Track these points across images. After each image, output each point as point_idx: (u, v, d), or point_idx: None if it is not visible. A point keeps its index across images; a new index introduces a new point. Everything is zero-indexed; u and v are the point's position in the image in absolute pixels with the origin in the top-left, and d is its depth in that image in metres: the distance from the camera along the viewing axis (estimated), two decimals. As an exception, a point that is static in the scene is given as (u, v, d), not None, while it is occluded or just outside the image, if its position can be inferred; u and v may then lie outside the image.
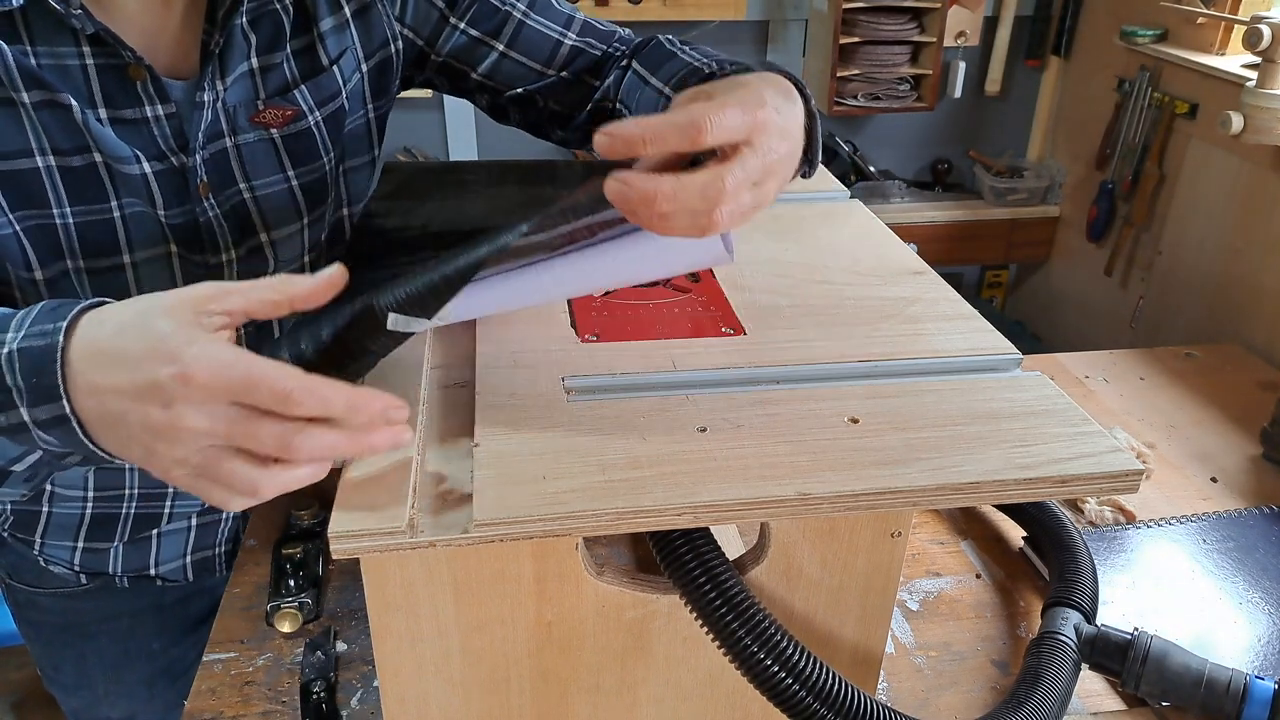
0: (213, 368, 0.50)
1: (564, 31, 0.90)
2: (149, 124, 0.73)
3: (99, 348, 0.53)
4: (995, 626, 0.94)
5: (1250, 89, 1.64)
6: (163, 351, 0.50)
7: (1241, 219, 1.84)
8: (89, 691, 1.05)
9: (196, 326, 0.52)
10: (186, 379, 0.49)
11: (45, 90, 0.68)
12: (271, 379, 0.50)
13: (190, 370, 0.49)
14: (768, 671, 0.57)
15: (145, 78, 0.71)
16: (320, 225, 0.87)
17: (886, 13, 2.30)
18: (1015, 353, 0.74)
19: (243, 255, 0.81)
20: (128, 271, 0.76)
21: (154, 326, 0.51)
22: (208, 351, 0.50)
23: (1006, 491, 0.60)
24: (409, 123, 2.42)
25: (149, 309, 0.53)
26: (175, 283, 0.79)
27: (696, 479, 0.58)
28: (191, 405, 0.50)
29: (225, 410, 0.50)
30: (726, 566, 0.58)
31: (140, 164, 0.72)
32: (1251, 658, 0.90)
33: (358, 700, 0.84)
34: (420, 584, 0.60)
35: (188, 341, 0.50)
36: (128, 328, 0.52)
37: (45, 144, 0.69)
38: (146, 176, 0.73)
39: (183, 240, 0.78)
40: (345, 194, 0.89)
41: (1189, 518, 1.11)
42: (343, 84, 0.82)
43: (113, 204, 0.73)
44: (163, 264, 0.78)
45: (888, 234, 0.96)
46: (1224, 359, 1.53)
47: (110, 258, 0.75)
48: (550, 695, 0.66)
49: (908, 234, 2.44)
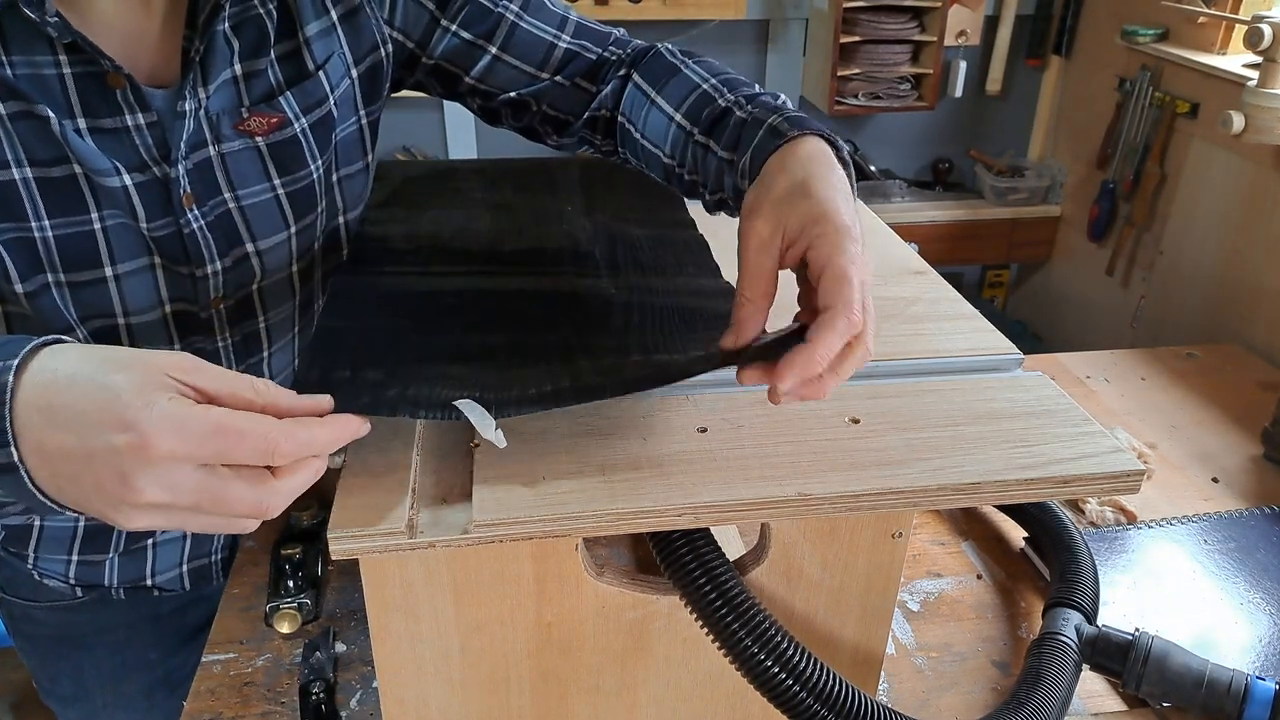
0: (174, 435, 0.45)
1: (558, 34, 0.87)
2: (129, 133, 0.71)
3: (48, 400, 0.48)
4: (996, 627, 0.94)
5: (1251, 89, 1.64)
6: (116, 414, 0.46)
7: (1243, 219, 1.83)
8: (87, 703, 1.04)
9: (157, 387, 0.47)
10: (143, 448, 0.45)
11: (21, 101, 0.66)
12: (249, 431, 0.46)
13: (148, 439, 0.45)
14: (768, 672, 0.57)
15: (125, 86, 0.69)
16: (309, 234, 0.85)
17: (887, 12, 2.30)
18: (1016, 353, 0.74)
19: (228, 266, 0.80)
20: (110, 284, 0.75)
21: (109, 383, 0.47)
22: (168, 414, 0.46)
23: (1007, 492, 0.60)
24: (409, 123, 2.42)
25: (107, 360, 0.48)
26: (159, 295, 0.78)
27: (697, 479, 0.57)
28: (150, 476, 0.46)
29: (189, 478, 0.46)
30: (727, 567, 0.58)
31: (120, 175, 0.71)
32: (1252, 658, 0.90)
33: (357, 701, 0.83)
34: (420, 585, 0.60)
35: (145, 404, 0.46)
36: (80, 380, 0.48)
37: (22, 155, 0.67)
38: (127, 189, 0.72)
39: (166, 252, 0.76)
40: (340, 201, 0.88)
41: (1190, 518, 1.10)
42: (330, 90, 0.81)
43: (93, 215, 0.72)
44: (146, 276, 0.76)
45: (889, 234, 0.96)
46: (1225, 359, 1.53)
47: (92, 270, 0.73)
48: (550, 696, 0.66)
49: (908, 234, 2.44)
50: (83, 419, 0.46)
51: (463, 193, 0.96)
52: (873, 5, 2.27)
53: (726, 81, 0.78)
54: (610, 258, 0.82)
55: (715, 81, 0.78)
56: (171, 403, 0.46)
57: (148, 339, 0.79)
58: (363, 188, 0.91)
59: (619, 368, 0.63)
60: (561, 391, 0.59)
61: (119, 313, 0.76)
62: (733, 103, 0.75)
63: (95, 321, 0.76)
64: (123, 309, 0.76)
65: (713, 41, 2.43)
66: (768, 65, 2.50)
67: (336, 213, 0.88)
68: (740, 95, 0.75)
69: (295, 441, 0.48)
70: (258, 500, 0.48)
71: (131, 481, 0.46)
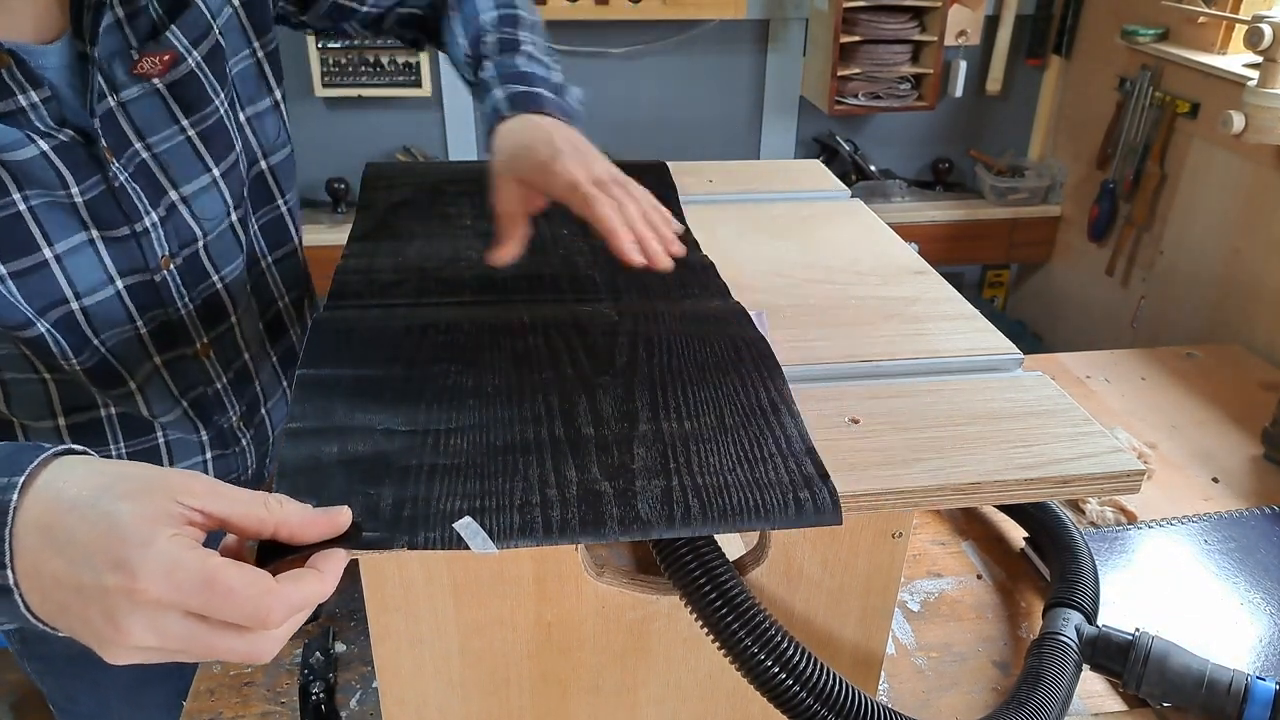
0: (165, 581, 0.43)
1: None
2: (27, 113, 0.70)
3: (48, 521, 0.46)
4: (996, 627, 0.94)
5: (1252, 88, 1.63)
6: (112, 550, 0.44)
7: (1243, 219, 1.83)
8: (107, 719, 1.04)
9: (159, 520, 0.45)
10: (130, 592, 0.43)
11: None
12: (240, 592, 0.44)
13: (137, 583, 0.43)
14: (768, 672, 0.57)
15: (9, 63, 0.68)
16: (235, 178, 0.85)
17: (887, 11, 2.30)
18: (1016, 353, 0.74)
19: (164, 216, 0.79)
20: (53, 266, 0.74)
21: (111, 511, 0.45)
22: (163, 557, 0.44)
23: (1008, 492, 0.60)
24: (409, 122, 2.42)
25: (114, 484, 0.47)
26: (106, 270, 0.77)
27: (697, 480, 0.57)
28: (137, 619, 0.44)
29: (176, 624, 0.45)
30: (727, 567, 0.58)
31: (35, 143, 0.70)
32: (1253, 658, 0.90)
33: (357, 701, 0.83)
34: (419, 585, 0.60)
35: (141, 542, 0.44)
36: (81, 505, 0.46)
37: None
38: (45, 154, 0.70)
39: (101, 218, 0.75)
40: (256, 145, 0.88)
41: (1190, 518, 1.10)
42: (212, 17, 0.80)
43: (15, 197, 0.70)
44: (86, 251, 0.76)
45: (889, 233, 0.96)
46: (1225, 359, 1.53)
47: (30, 255, 0.72)
48: (550, 696, 0.66)
49: (909, 233, 2.43)
50: (78, 548, 0.45)
51: (451, 220, 0.92)
52: (873, 5, 2.27)
53: (502, 19, 0.93)
54: (611, 282, 0.80)
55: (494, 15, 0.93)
56: (171, 542, 0.44)
57: (107, 321, 0.79)
58: (276, 130, 0.91)
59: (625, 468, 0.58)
60: (568, 525, 0.54)
61: (71, 297, 0.76)
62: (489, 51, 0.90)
63: (52, 313, 0.75)
64: (73, 292, 0.76)
65: (713, 41, 2.43)
66: (768, 65, 2.50)
67: (256, 157, 0.88)
68: (501, 38, 0.91)
69: (287, 606, 0.46)
70: (249, 650, 0.46)
71: (118, 622, 0.44)
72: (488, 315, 0.73)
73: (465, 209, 0.94)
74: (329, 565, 0.49)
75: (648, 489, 0.55)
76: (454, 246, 0.86)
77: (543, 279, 0.80)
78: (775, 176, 1.12)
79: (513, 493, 0.54)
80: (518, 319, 0.72)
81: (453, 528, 0.52)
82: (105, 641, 0.45)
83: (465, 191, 0.99)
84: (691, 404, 0.63)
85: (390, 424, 0.59)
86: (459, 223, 0.91)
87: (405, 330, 0.70)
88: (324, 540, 0.50)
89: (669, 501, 0.55)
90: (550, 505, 0.54)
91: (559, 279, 0.81)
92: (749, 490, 0.56)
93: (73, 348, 0.77)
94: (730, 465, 0.58)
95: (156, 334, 0.83)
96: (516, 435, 0.59)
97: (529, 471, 0.56)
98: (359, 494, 0.53)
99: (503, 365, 0.66)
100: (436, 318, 0.72)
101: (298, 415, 0.59)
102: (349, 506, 0.51)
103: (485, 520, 0.52)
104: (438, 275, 0.80)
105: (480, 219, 0.92)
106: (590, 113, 0.87)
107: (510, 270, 0.81)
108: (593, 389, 0.64)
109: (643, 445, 0.59)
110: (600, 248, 0.86)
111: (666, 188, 1.03)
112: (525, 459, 0.57)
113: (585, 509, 0.54)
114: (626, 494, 0.55)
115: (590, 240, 0.88)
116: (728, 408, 0.63)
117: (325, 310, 0.74)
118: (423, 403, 0.62)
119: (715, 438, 0.60)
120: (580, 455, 0.58)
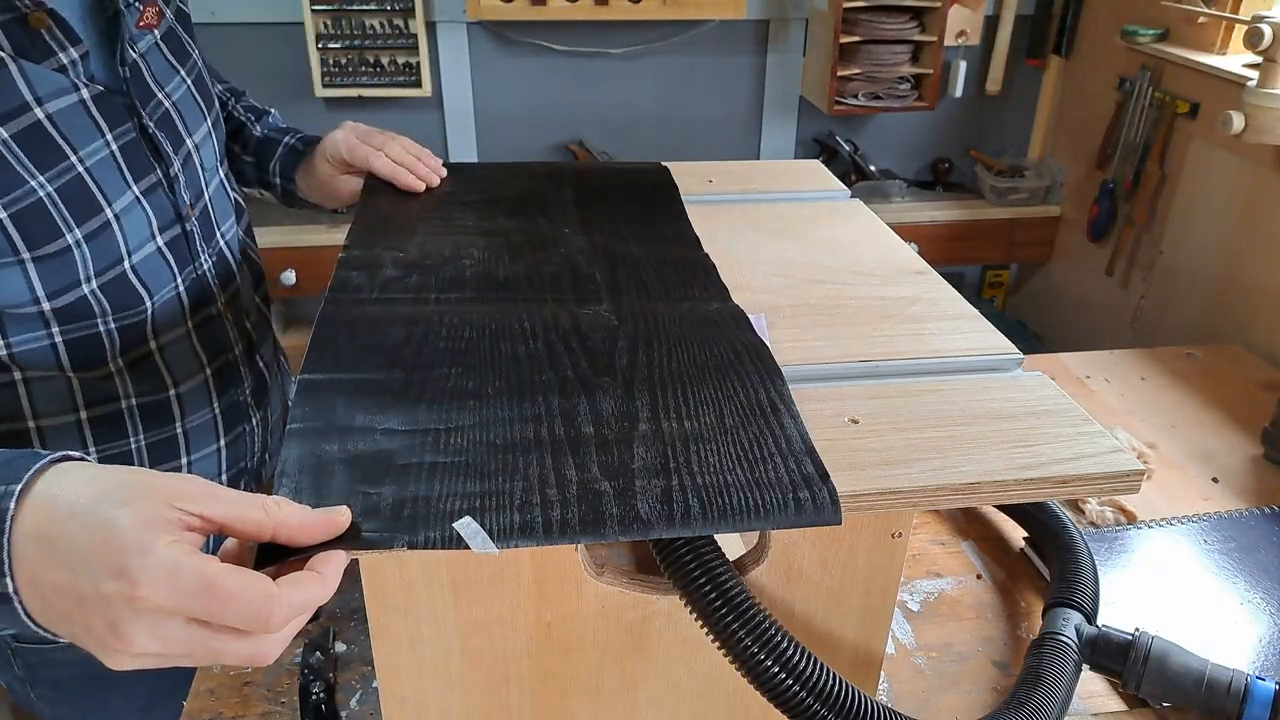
0: (166, 587, 0.43)
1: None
2: (66, 70, 0.72)
3: (46, 531, 0.46)
4: (996, 627, 0.94)
5: (1251, 89, 1.63)
6: (111, 558, 0.44)
7: (1243, 219, 1.83)
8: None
9: (157, 526, 0.45)
10: (132, 599, 0.43)
11: None
12: (241, 596, 0.44)
13: (138, 590, 0.43)
14: (768, 672, 0.57)
15: (49, 24, 0.70)
16: (219, 128, 0.90)
17: (887, 12, 2.30)
18: (1016, 353, 0.74)
19: (183, 164, 0.83)
20: (114, 226, 0.76)
21: (110, 518, 0.45)
22: (163, 563, 0.44)
23: (1007, 492, 0.60)
24: (409, 123, 2.42)
25: (112, 491, 0.46)
26: (150, 226, 0.80)
27: (696, 480, 0.57)
28: (140, 626, 0.44)
29: (178, 630, 0.45)
30: (727, 567, 0.58)
31: (79, 90, 0.72)
32: (1253, 658, 0.90)
33: (357, 701, 0.83)
34: (420, 585, 0.60)
35: (141, 549, 0.44)
36: (79, 513, 0.45)
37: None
38: (85, 103, 0.73)
39: (134, 166, 0.78)
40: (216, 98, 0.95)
41: (1190, 518, 1.10)
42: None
43: (73, 159, 0.72)
44: (136, 210, 0.78)
45: (888, 233, 0.96)
46: (1225, 359, 1.53)
47: (97, 216, 0.74)
48: (550, 696, 0.66)
49: (908, 234, 2.44)
50: (77, 557, 0.45)
51: (451, 219, 0.92)
52: (873, 5, 2.27)
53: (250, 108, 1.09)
54: (612, 281, 0.80)
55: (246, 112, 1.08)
56: (170, 548, 0.44)
57: (151, 277, 0.81)
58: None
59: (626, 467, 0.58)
60: (568, 525, 0.53)
61: (124, 254, 0.78)
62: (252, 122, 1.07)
63: (106, 274, 0.77)
64: (126, 249, 0.78)
65: (713, 41, 2.43)
66: (768, 65, 2.50)
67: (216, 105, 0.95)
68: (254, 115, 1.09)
69: (288, 609, 0.46)
70: (251, 653, 0.46)
71: (120, 630, 0.44)
72: (489, 315, 0.73)
73: (465, 209, 0.95)
74: (329, 567, 0.49)
75: (648, 489, 0.55)
76: (455, 245, 0.86)
77: (543, 277, 0.81)
78: (775, 176, 1.12)
79: (513, 492, 0.54)
80: (519, 323, 0.72)
81: (453, 527, 0.52)
82: (108, 649, 0.45)
83: (465, 191, 0.99)
84: (691, 404, 0.63)
85: (391, 424, 0.59)
86: (459, 222, 0.91)
87: (406, 332, 0.70)
88: (324, 541, 0.50)
89: (669, 501, 0.55)
90: (550, 505, 0.54)
91: (559, 278, 0.81)
92: (749, 490, 0.56)
93: (115, 309, 0.79)
94: (730, 465, 0.58)
95: (190, 290, 0.86)
96: (516, 435, 0.59)
97: (529, 471, 0.56)
98: (359, 494, 0.53)
99: (503, 367, 0.66)
100: (438, 317, 0.72)
101: (299, 416, 0.60)
102: (349, 506, 0.51)
103: (485, 520, 0.52)
104: (438, 273, 0.81)
105: (481, 218, 0.92)
106: (590, 113, 0.87)
107: (511, 269, 0.81)
108: (593, 389, 0.64)
109: (643, 445, 0.59)
110: (601, 247, 0.87)
111: (667, 189, 1.03)
112: (525, 459, 0.57)
113: (585, 509, 0.54)
114: (626, 494, 0.55)
115: (591, 239, 0.88)
116: (727, 408, 0.63)
117: (327, 304, 0.74)
118: (423, 403, 0.62)
119: (715, 438, 0.60)
120: (580, 455, 0.58)
